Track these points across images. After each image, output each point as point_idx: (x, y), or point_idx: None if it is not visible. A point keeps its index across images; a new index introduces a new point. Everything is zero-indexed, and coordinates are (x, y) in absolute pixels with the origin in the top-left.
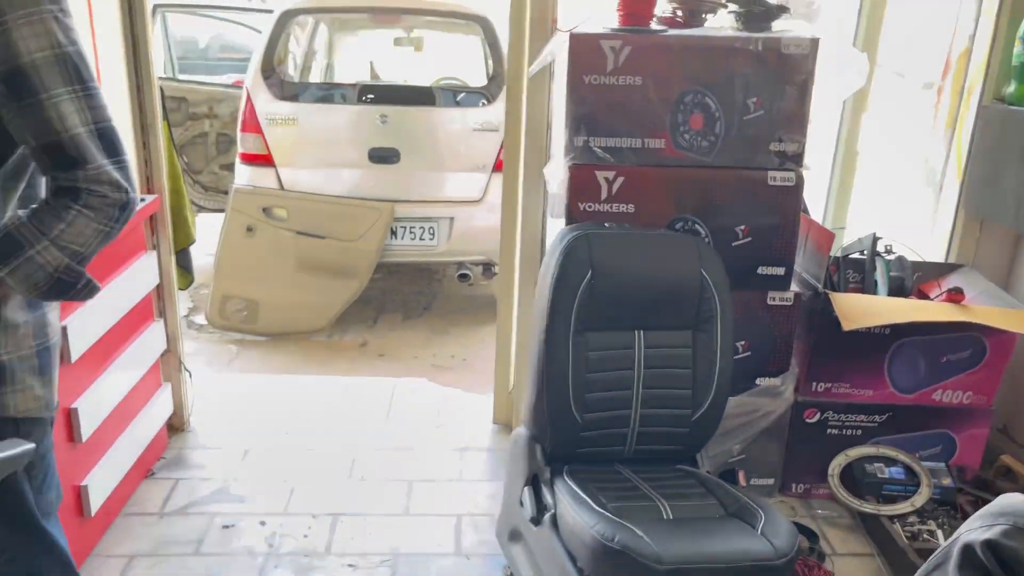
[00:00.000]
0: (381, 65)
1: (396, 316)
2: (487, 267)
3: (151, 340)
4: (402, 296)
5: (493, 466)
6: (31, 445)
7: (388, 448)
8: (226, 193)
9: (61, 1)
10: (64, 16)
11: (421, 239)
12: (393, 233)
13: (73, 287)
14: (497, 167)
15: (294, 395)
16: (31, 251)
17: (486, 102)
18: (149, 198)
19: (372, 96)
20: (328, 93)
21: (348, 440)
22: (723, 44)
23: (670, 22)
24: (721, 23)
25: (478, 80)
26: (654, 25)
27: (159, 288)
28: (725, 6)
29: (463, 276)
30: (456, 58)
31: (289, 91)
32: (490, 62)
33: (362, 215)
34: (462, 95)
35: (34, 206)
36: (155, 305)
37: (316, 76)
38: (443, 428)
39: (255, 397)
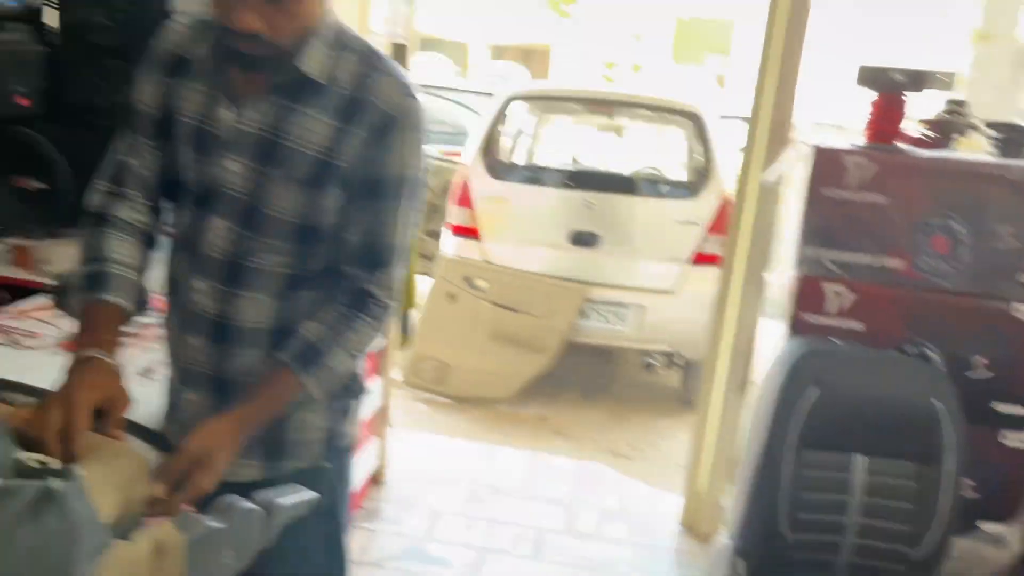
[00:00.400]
0: (582, 147)
1: (575, 394)
2: (671, 358)
3: (371, 396)
4: (582, 375)
5: (680, 570)
6: (315, 494)
7: (570, 534)
8: (428, 258)
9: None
10: (425, 144)
11: (610, 323)
12: (584, 314)
13: (351, 388)
14: (695, 260)
15: (480, 462)
16: (330, 360)
17: (689, 196)
18: None
19: (578, 181)
20: (536, 175)
21: (530, 517)
22: (976, 169)
23: (917, 142)
24: (972, 146)
25: (677, 171)
26: (900, 144)
27: (382, 347)
28: (978, 129)
29: (648, 365)
30: (657, 147)
31: (501, 171)
32: (697, 157)
33: (557, 294)
34: (666, 187)
35: (326, 315)
36: (378, 362)
37: (521, 156)
38: (627, 522)
39: (444, 458)
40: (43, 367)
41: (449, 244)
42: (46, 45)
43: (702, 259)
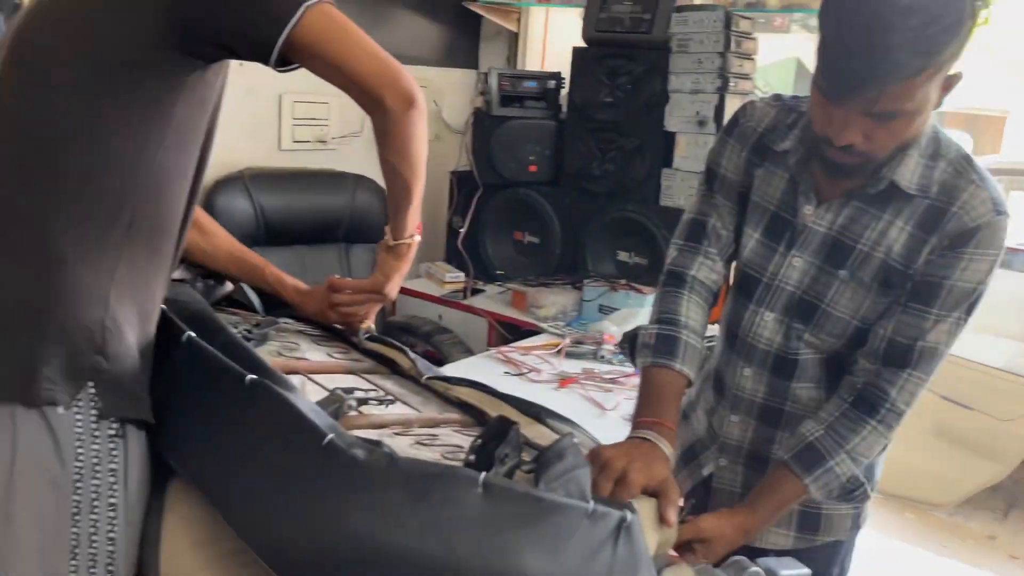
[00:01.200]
0: None
1: None
2: None
3: None
4: None
5: None
6: (809, 571)
7: None
8: None
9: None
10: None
11: None
12: None
13: (852, 493)
14: None
15: (923, 571)
16: (831, 462)
17: None
18: None
19: None
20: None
21: None
22: None
23: None
24: None
25: None
26: None
27: None
28: None
29: None
30: None
31: None
32: None
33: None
34: None
35: (828, 413)
36: None
37: None
38: None
39: (881, 557)
40: (546, 401)
41: None
42: (556, 120)
43: None
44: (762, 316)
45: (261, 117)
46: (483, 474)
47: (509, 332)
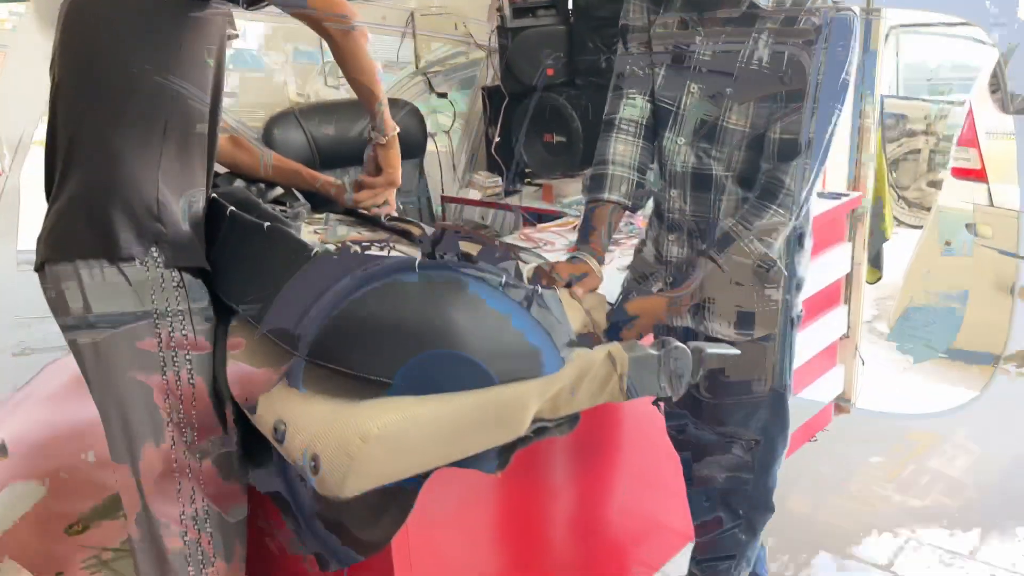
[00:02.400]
0: None
1: None
2: None
3: (833, 321)
4: None
5: None
6: (737, 351)
7: None
8: (929, 210)
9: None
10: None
11: None
12: None
13: (766, 273)
14: None
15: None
16: (740, 243)
17: None
18: (853, 194)
19: None
20: None
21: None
22: None
23: None
24: None
25: None
26: None
27: (848, 276)
28: None
29: None
30: None
31: (1019, 104)
32: None
33: None
34: None
35: (745, 209)
36: (843, 292)
37: None
38: None
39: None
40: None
41: (950, 189)
42: (567, 24)
43: None
44: (675, 142)
45: (305, 58)
46: (416, 258)
47: (540, 221)
